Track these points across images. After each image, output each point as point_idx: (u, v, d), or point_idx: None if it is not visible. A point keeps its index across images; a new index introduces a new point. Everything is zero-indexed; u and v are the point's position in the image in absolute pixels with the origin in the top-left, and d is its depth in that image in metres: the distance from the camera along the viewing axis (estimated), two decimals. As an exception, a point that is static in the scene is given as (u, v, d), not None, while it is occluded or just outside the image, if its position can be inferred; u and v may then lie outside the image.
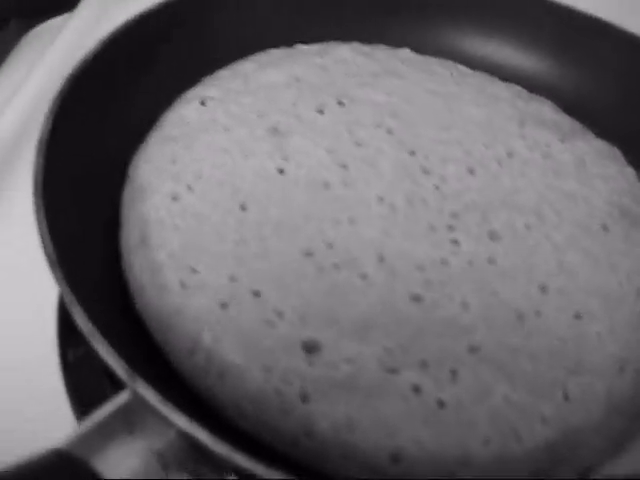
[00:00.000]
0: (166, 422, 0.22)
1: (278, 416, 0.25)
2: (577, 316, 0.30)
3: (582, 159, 0.37)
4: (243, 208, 0.32)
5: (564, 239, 0.33)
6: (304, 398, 0.25)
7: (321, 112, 0.38)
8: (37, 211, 0.27)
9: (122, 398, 0.24)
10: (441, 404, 0.26)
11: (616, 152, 0.39)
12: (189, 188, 0.33)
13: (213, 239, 0.30)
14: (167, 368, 0.28)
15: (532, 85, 0.44)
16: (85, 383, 0.33)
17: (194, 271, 0.29)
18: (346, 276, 0.29)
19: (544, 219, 0.34)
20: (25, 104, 0.48)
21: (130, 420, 0.23)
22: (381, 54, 0.43)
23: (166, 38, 0.41)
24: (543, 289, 0.31)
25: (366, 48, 0.44)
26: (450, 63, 0.44)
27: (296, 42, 0.44)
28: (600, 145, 0.39)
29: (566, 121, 0.41)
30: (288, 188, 0.33)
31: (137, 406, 0.23)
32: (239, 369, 0.26)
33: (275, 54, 0.43)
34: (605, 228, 0.34)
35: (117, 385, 0.24)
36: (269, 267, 0.29)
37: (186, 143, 0.35)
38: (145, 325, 0.29)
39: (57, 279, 0.25)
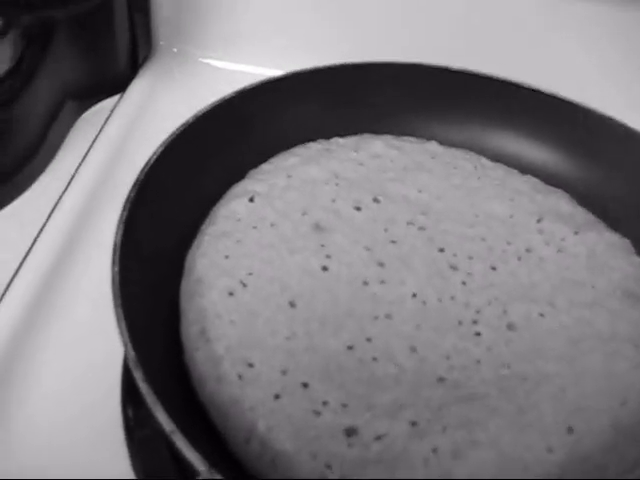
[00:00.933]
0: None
1: None
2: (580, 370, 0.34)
3: (593, 250, 0.41)
4: (292, 305, 0.36)
5: (573, 321, 0.37)
6: (343, 478, 0.29)
7: (358, 209, 0.42)
8: (118, 320, 0.31)
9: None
10: (455, 455, 0.30)
11: (626, 243, 0.42)
12: (242, 284, 0.37)
13: (266, 334, 0.34)
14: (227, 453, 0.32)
15: (546, 177, 0.47)
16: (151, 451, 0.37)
17: (250, 365, 0.33)
18: (382, 366, 0.33)
19: (556, 307, 0.37)
20: (80, 191, 0.52)
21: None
22: (410, 147, 0.48)
23: (219, 135, 0.45)
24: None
25: (397, 142, 0.48)
26: (474, 156, 0.48)
27: (333, 135, 0.49)
28: (611, 237, 0.42)
29: (580, 213, 0.44)
30: (331, 285, 0.37)
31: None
32: (290, 455, 0.29)
33: (314, 148, 0.47)
34: (609, 308, 0.38)
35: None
36: (316, 360, 0.33)
37: (237, 238, 0.39)
38: (206, 414, 0.32)
39: (138, 379, 0.29)
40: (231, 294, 0.36)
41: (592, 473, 0.30)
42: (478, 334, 0.36)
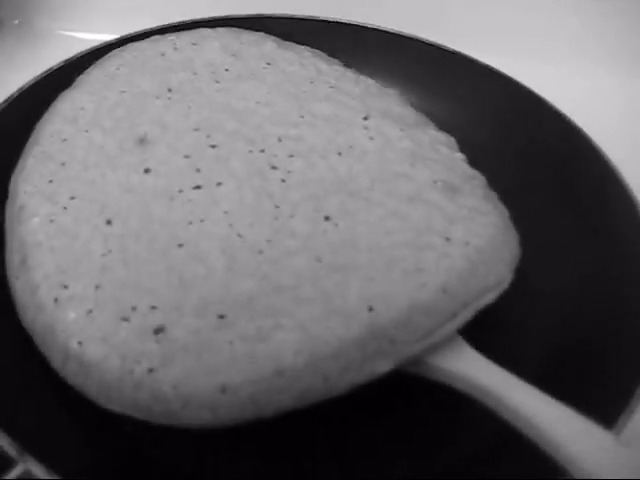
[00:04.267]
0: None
1: (133, 391, 0.32)
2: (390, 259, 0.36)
3: (418, 145, 0.42)
4: (109, 223, 0.37)
5: (389, 213, 0.38)
6: (150, 370, 0.32)
7: (186, 118, 0.42)
8: None
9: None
10: (260, 338, 0.33)
11: (451, 141, 0.44)
12: (64, 209, 0.37)
13: (82, 255, 0.36)
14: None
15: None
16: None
17: (65, 287, 0.34)
18: (192, 268, 0.35)
19: (373, 200, 0.38)
20: None
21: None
22: (247, 52, 0.48)
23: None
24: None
25: (235, 44, 0.48)
26: (310, 58, 0.48)
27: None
28: (437, 134, 0.44)
29: (411, 114, 0.45)
30: (147, 198, 0.38)
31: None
32: (100, 363, 0.32)
33: (148, 50, 0.47)
34: (428, 200, 0.39)
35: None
36: (128, 273, 0.35)
37: (62, 160, 0.40)
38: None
39: None
40: (52, 221, 0.37)
41: (384, 345, 0.33)
42: (292, 228, 0.37)
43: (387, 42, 0.55)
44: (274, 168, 0.40)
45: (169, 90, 0.44)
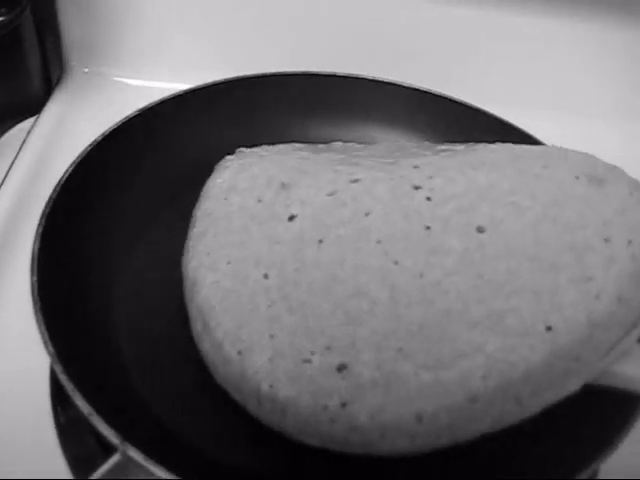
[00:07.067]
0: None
1: (329, 425, 0.33)
2: (553, 267, 0.35)
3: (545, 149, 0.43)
4: (266, 277, 0.39)
5: (539, 216, 0.37)
6: (343, 405, 0.33)
7: (321, 163, 0.44)
8: (38, 324, 0.35)
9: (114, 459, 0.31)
10: (443, 365, 0.33)
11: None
12: (225, 275, 0.40)
13: (251, 309, 0.38)
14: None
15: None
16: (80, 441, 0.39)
17: (244, 340, 0.36)
18: (355, 304, 0.36)
19: (518, 205, 0.38)
20: (1, 212, 0.53)
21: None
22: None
23: (127, 150, 0.49)
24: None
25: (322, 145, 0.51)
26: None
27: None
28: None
29: None
30: (297, 244, 0.40)
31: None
32: (294, 400, 0.34)
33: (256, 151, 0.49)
34: (573, 195, 0.38)
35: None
36: (295, 319, 0.36)
37: (213, 233, 0.43)
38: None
39: (58, 372, 0.33)
40: (217, 286, 0.39)
41: (570, 365, 0.33)
42: (447, 245, 0.37)
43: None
44: (417, 188, 0.40)
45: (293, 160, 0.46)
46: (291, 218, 0.41)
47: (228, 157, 0.47)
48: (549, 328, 0.33)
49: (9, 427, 0.40)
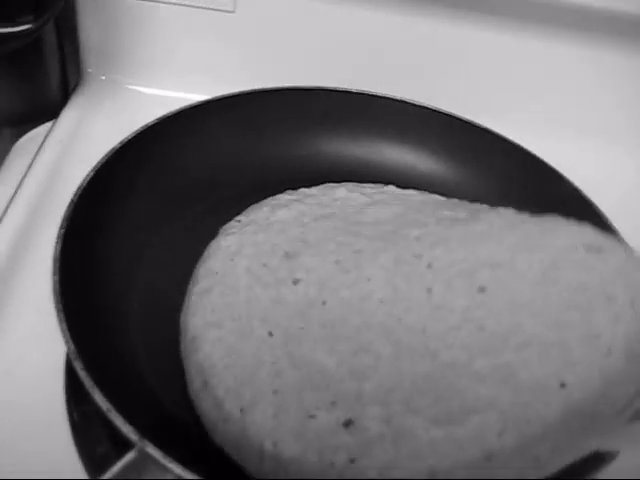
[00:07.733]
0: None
1: None
2: (558, 324, 0.35)
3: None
4: (270, 334, 0.39)
5: (534, 277, 0.38)
6: (351, 461, 0.32)
7: (325, 236, 0.45)
8: (60, 321, 0.35)
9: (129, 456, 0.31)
10: (452, 421, 0.33)
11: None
12: (229, 331, 0.40)
13: (254, 366, 0.38)
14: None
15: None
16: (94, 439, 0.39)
17: (246, 397, 0.36)
18: (360, 360, 0.36)
19: (517, 270, 0.38)
20: (18, 215, 0.54)
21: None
22: (371, 190, 0.52)
23: (144, 159, 0.50)
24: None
25: (358, 188, 0.53)
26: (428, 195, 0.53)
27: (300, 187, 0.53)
28: None
29: None
30: (301, 306, 0.40)
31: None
32: (298, 459, 0.33)
33: (283, 197, 0.52)
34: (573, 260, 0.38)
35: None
36: (300, 375, 0.36)
37: (219, 291, 0.43)
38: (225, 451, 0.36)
39: (77, 368, 0.33)
40: (221, 342, 0.40)
41: (586, 421, 0.32)
42: (450, 303, 0.38)
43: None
44: (418, 257, 0.41)
45: (303, 215, 0.48)
46: (296, 282, 0.42)
47: (232, 223, 0.49)
48: (563, 385, 0.33)
49: (23, 426, 0.40)
